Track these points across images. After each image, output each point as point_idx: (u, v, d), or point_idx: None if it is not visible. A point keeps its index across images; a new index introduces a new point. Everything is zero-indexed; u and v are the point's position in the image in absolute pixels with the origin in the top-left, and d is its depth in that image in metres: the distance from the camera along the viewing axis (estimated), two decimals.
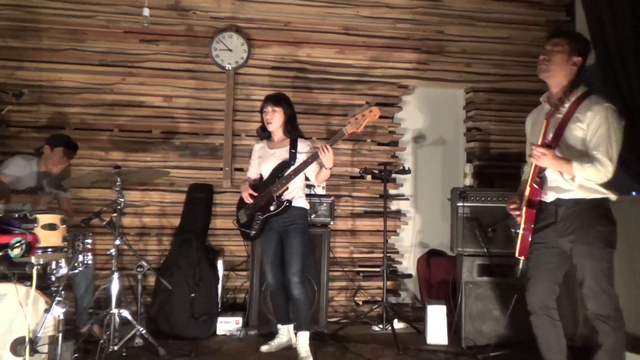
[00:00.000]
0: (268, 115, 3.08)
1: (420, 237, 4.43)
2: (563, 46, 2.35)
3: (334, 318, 3.97)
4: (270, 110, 3.08)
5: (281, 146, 3.10)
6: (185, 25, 4.11)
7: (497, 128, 4.37)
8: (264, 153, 3.16)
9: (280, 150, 3.09)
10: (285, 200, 2.99)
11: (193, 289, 3.56)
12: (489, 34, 4.41)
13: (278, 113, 3.08)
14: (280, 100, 3.11)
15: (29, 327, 2.34)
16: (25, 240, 1.91)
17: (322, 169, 2.97)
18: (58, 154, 3.32)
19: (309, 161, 2.95)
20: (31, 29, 3.93)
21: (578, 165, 2.20)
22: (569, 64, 2.35)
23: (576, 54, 2.35)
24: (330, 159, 2.89)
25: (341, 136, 2.95)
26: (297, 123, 3.18)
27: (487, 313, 3.35)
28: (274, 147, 3.13)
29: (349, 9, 4.27)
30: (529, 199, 2.31)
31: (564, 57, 2.35)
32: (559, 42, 2.37)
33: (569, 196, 2.29)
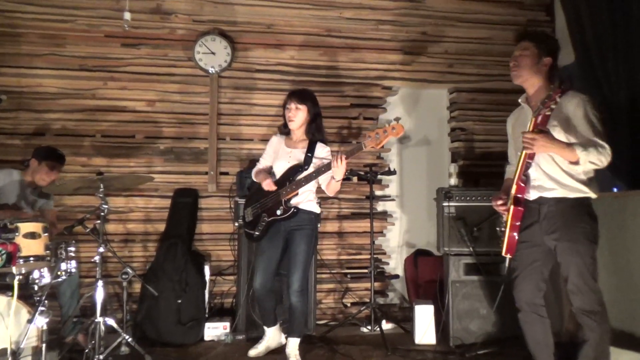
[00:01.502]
0: (291, 113, 2.92)
1: (406, 238, 4.45)
2: (530, 49, 2.38)
3: (323, 320, 3.97)
4: (294, 107, 2.91)
5: (299, 146, 2.96)
6: (167, 29, 4.08)
7: (480, 128, 4.42)
8: (280, 149, 3.00)
9: (296, 151, 2.94)
10: (293, 207, 2.87)
11: (180, 295, 3.52)
12: (471, 34, 4.45)
13: (302, 111, 2.92)
14: (305, 97, 2.94)
15: (11, 338, 2.29)
16: (5, 250, 1.86)
17: (332, 180, 2.81)
18: (45, 168, 3.22)
19: (322, 170, 2.78)
20: (9, 34, 3.86)
21: (581, 148, 2.16)
22: (539, 65, 2.38)
23: (545, 54, 2.38)
24: (342, 172, 2.71)
25: (359, 150, 2.75)
26: (322, 124, 3.00)
27: (474, 311, 3.38)
28: (291, 146, 2.98)
29: (331, 11, 4.28)
30: (516, 196, 2.33)
31: (533, 59, 2.38)
32: (526, 46, 2.40)
33: (551, 195, 2.32)
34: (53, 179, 3.27)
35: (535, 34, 2.50)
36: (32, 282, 2.65)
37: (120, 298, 3.72)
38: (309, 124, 2.96)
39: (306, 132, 2.97)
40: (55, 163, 3.27)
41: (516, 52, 2.43)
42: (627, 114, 3.29)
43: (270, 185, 2.89)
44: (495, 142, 4.34)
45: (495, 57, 4.45)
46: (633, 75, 3.28)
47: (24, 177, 3.27)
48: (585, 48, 3.69)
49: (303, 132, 2.98)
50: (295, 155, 2.94)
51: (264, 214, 2.94)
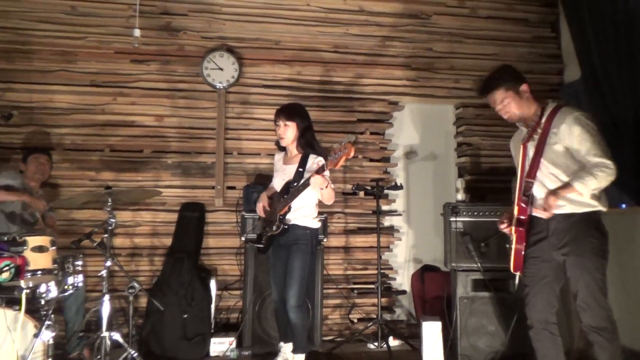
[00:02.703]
0: (280, 130, 2.95)
1: (413, 253, 4.43)
2: (508, 96, 2.38)
3: (329, 336, 3.93)
4: (282, 124, 2.94)
5: (292, 162, 2.99)
6: (176, 45, 4.14)
7: (487, 143, 4.42)
8: (279, 167, 3.07)
9: (290, 167, 2.98)
10: (283, 224, 2.90)
11: (185, 310, 3.51)
12: (477, 50, 4.48)
13: (290, 127, 2.94)
14: (292, 114, 2.96)
15: (18, 352, 2.29)
16: (14, 263, 1.87)
17: (321, 190, 2.84)
18: (32, 162, 3.32)
19: (306, 184, 2.78)
20: (21, 51, 3.93)
21: (579, 183, 2.20)
22: (523, 99, 2.39)
23: (518, 85, 2.39)
24: (319, 183, 2.72)
25: (323, 170, 2.73)
26: (313, 136, 3.01)
27: (482, 328, 3.34)
28: (287, 162, 3.03)
29: (338, 28, 4.33)
30: (518, 218, 2.34)
31: (516, 100, 2.39)
32: (501, 96, 2.39)
33: (560, 211, 2.31)
34: (45, 172, 3.38)
35: (496, 80, 2.45)
36: (39, 296, 2.66)
37: (126, 312, 3.71)
38: (300, 139, 2.98)
39: (298, 146, 3.00)
40: (37, 154, 3.38)
41: (498, 107, 2.43)
42: (634, 129, 3.28)
43: (260, 210, 3.03)
44: (502, 157, 4.33)
45: None
46: (639, 90, 3.28)
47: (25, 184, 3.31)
48: (590, 64, 3.71)
49: (295, 147, 3.01)
50: (289, 171, 2.98)
51: (267, 228, 3.00)
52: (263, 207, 3.01)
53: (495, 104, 2.43)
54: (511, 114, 2.42)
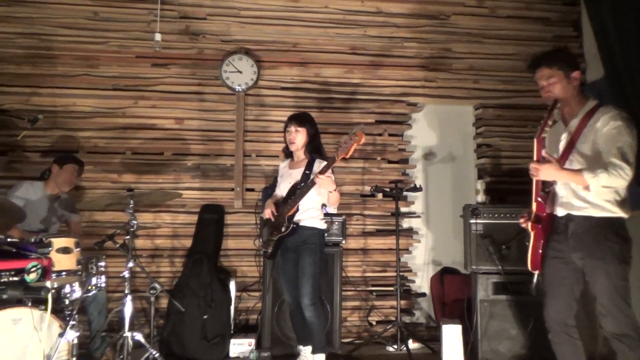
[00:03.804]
0: (291, 135, 3.04)
1: (432, 255, 4.39)
2: (556, 74, 2.32)
3: (348, 339, 3.92)
4: (293, 130, 3.04)
5: (299, 167, 3.07)
6: (195, 49, 4.18)
7: (507, 144, 4.36)
8: (285, 172, 3.15)
9: (296, 171, 3.06)
10: (292, 222, 2.96)
11: (205, 311, 3.54)
12: (496, 50, 4.43)
13: (301, 133, 3.04)
14: (304, 120, 3.07)
15: (44, 351, 2.34)
16: (41, 264, 1.91)
17: (328, 193, 2.92)
18: (68, 171, 3.35)
19: (309, 185, 2.89)
20: (45, 56, 4.02)
21: (589, 173, 2.15)
22: (571, 84, 2.33)
23: (570, 71, 2.33)
24: (328, 183, 2.82)
25: (333, 162, 2.84)
26: (320, 143, 3.12)
27: (504, 332, 3.30)
28: (293, 167, 3.10)
29: (356, 29, 4.33)
30: (536, 214, 2.30)
31: (563, 83, 2.32)
32: (550, 73, 2.33)
33: (579, 213, 2.26)
34: (74, 182, 3.40)
35: (551, 56, 2.39)
36: (64, 296, 2.70)
37: (147, 313, 3.77)
38: (308, 145, 3.07)
39: (305, 152, 3.09)
40: (76, 165, 3.40)
41: (542, 82, 2.36)
42: None
43: (267, 215, 3.06)
44: (523, 158, 4.28)
45: (522, 73, 4.38)
46: None
47: (46, 189, 3.36)
48: (613, 63, 3.64)
49: (302, 153, 3.10)
50: (295, 175, 3.05)
51: (274, 232, 3.03)
52: (271, 212, 3.05)
53: (541, 80, 2.36)
54: (552, 96, 2.34)
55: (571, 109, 2.36)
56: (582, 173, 2.16)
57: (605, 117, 2.23)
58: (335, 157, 2.85)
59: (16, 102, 3.93)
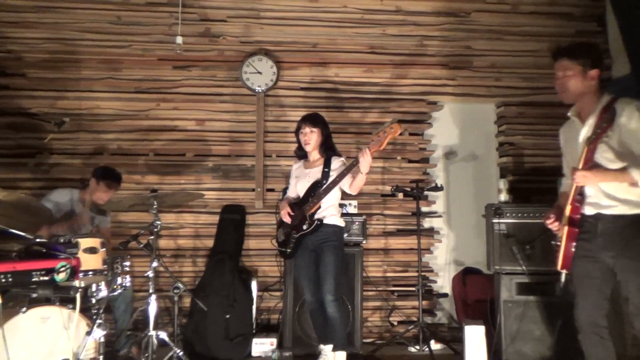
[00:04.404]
0: (306, 137, 3.08)
1: (454, 255, 4.35)
2: (574, 68, 2.28)
3: (369, 339, 3.91)
4: (308, 130, 3.08)
5: (316, 166, 3.11)
6: (216, 51, 4.22)
7: (530, 142, 4.30)
8: (300, 173, 3.18)
9: (314, 170, 3.09)
10: (316, 219, 2.99)
11: (227, 310, 3.57)
12: (518, 47, 4.37)
13: (315, 134, 3.08)
14: (317, 121, 3.12)
15: (72, 349, 2.39)
16: (69, 264, 1.96)
17: (358, 175, 2.89)
18: (102, 188, 3.38)
19: (344, 173, 2.90)
20: (70, 60, 4.11)
21: (636, 169, 2.10)
22: (586, 82, 2.28)
23: (589, 68, 2.28)
24: (368, 163, 2.81)
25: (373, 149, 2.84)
26: (333, 142, 3.18)
27: (528, 333, 3.25)
28: (309, 167, 3.14)
29: (375, 29, 4.31)
30: (570, 217, 2.25)
31: (578, 78, 2.28)
32: (568, 65, 2.29)
33: (609, 212, 2.22)
34: (110, 197, 3.43)
35: (574, 49, 2.34)
36: (90, 296, 2.77)
37: (170, 312, 3.82)
38: (322, 145, 3.11)
39: (320, 152, 3.12)
40: (112, 182, 3.43)
41: (559, 73, 2.32)
42: None
43: (285, 217, 3.06)
44: (546, 156, 4.22)
45: (544, 69, 4.32)
46: None
47: (82, 196, 3.44)
48: None
49: (318, 152, 3.13)
50: (314, 174, 3.08)
51: (293, 231, 3.05)
52: (287, 213, 3.06)
53: (558, 71, 2.33)
54: (567, 91, 2.31)
55: (587, 106, 2.32)
56: (627, 171, 2.12)
57: (629, 111, 2.17)
58: (368, 149, 2.82)
59: (43, 106, 4.03)
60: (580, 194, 2.27)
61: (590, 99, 2.32)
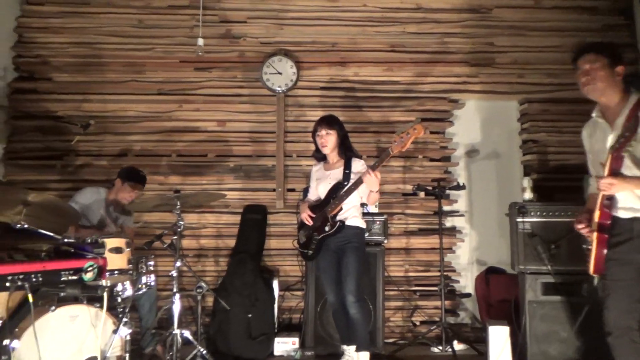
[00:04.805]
0: (323, 139, 3.09)
1: (477, 255, 4.30)
2: (602, 61, 2.25)
3: (391, 339, 3.90)
4: (324, 133, 3.08)
5: (336, 167, 3.11)
6: (236, 52, 4.26)
7: (554, 139, 4.21)
8: (321, 175, 3.18)
9: (335, 172, 3.10)
10: (338, 220, 2.99)
11: (249, 310, 3.60)
12: (541, 43, 4.29)
13: (332, 135, 3.08)
14: (333, 122, 3.12)
15: (100, 347, 2.44)
16: (97, 264, 2.00)
17: (370, 192, 2.94)
18: (128, 188, 3.45)
19: (359, 181, 2.92)
20: (95, 64, 4.19)
21: None
22: (612, 78, 2.25)
23: (616, 64, 2.25)
24: (375, 182, 2.84)
25: (387, 156, 2.89)
26: (350, 142, 3.18)
27: (554, 334, 3.18)
28: (330, 169, 3.14)
29: (395, 27, 4.29)
30: (600, 223, 2.20)
31: (607, 72, 2.24)
32: (595, 58, 2.26)
33: None
34: (134, 198, 3.49)
35: (599, 45, 2.33)
36: (116, 294, 2.83)
37: (194, 311, 3.87)
38: (340, 146, 3.11)
39: (339, 153, 3.12)
40: (137, 183, 3.49)
41: (585, 66, 2.29)
42: None
43: (306, 219, 3.08)
44: (571, 154, 4.13)
45: (568, 65, 4.18)
46: None
47: (108, 196, 3.51)
48: None
49: (336, 154, 3.13)
50: (335, 175, 3.08)
51: (314, 233, 3.05)
52: (308, 215, 3.08)
53: (585, 64, 2.30)
54: (595, 83, 2.27)
55: (612, 105, 2.27)
56: None
57: None
58: (390, 150, 2.87)
59: (69, 109, 4.12)
60: (609, 199, 2.22)
61: (615, 96, 2.28)
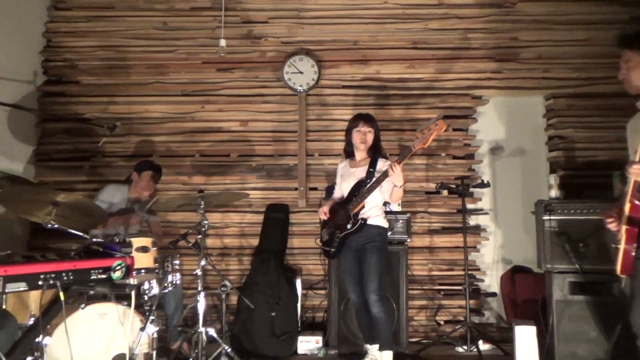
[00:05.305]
0: (365, 135, 3.08)
1: (502, 253, 4.23)
2: (634, 58, 2.21)
3: (415, 338, 3.87)
4: (366, 130, 3.08)
5: (361, 165, 3.11)
6: (257, 52, 4.29)
7: (581, 135, 4.12)
8: (345, 172, 3.19)
9: (359, 169, 3.10)
10: (360, 218, 2.99)
11: (273, 308, 3.62)
12: (567, 36, 4.20)
13: (371, 133, 3.09)
14: (372, 120, 3.14)
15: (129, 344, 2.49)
16: (124, 263, 2.05)
17: (394, 188, 2.93)
18: (145, 178, 3.52)
19: (380, 179, 2.92)
20: (121, 67, 4.28)
21: None
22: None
23: None
24: (400, 177, 2.84)
25: (409, 152, 2.88)
26: (381, 144, 3.19)
27: (583, 334, 3.11)
28: (355, 166, 3.14)
29: (417, 23, 4.25)
30: (630, 216, 2.14)
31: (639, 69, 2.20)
32: (629, 56, 2.24)
33: None
34: (152, 188, 3.56)
35: (633, 39, 2.29)
36: (143, 293, 2.89)
37: (218, 309, 3.92)
38: (372, 145, 3.11)
39: (368, 151, 3.11)
40: (153, 173, 3.56)
41: (621, 64, 2.28)
42: None
43: (321, 214, 3.13)
44: (599, 150, 4.04)
45: (596, 59, 4.15)
46: None
47: (130, 194, 3.57)
48: None
49: (365, 152, 3.13)
50: (358, 173, 3.08)
51: (336, 231, 3.06)
52: (324, 212, 3.12)
53: (621, 61, 2.29)
54: (629, 83, 2.25)
55: None
56: None
57: None
58: (412, 146, 2.86)
59: (96, 111, 4.22)
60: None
61: None
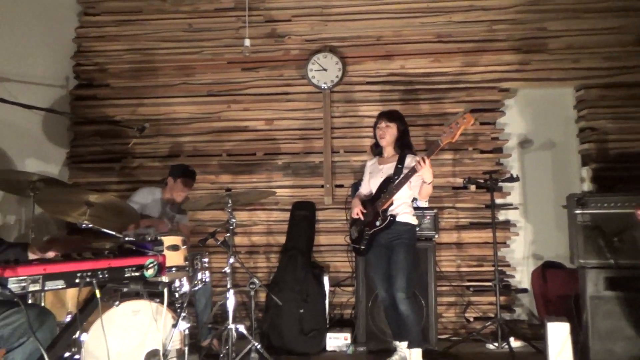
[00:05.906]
0: (381, 131, 3.12)
1: (533, 249, 4.15)
2: None
3: (444, 335, 3.84)
4: (383, 125, 3.12)
5: (389, 162, 3.11)
6: (281, 51, 4.31)
7: (614, 126, 4.00)
8: (374, 169, 3.20)
9: (387, 166, 3.10)
10: (389, 215, 2.99)
11: (301, 305, 3.65)
12: (597, 25, 4.07)
13: (391, 129, 3.10)
14: (394, 116, 3.14)
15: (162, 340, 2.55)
16: (157, 261, 2.09)
17: (423, 184, 2.93)
18: (179, 185, 3.58)
19: (409, 174, 2.92)
20: (148, 69, 4.36)
21: None
22: None
23: None
24: (429, 173, 2.84)
25: (437, 147, 2.89)
26: (410, 139, 3.18)
27: (618, 332, 3.03)
28: (383, 163, 3.15)
29: (441, 17, 4.20)
30: None
31: None
32: None
33: None
34: (187, 194, 3.62)
35: None
36: (174, 290, 2.95)
37: (247, 306, 3.97)
38: (398, 141, 3.11)
39: (395, 148, 3.12)
40: (188, 179, 3.62)
41: None
42: None
43: (357, 215, 3.10)
44: (633, 141, 3.93)
45: (628, 47, 4.02)
46: None
47: (164, 195, 3.65)
48: None
49: (392, 149, 3.13)
50: (387, 170, 3.09)
51: (366, 228, 3.07)
52: (360, 211, 3.09)
53: None
54: None
55: None
56: None
57: None
58: (439, 141, 2.87)
59: (125, 113, 4.32)
60: None
61: None
